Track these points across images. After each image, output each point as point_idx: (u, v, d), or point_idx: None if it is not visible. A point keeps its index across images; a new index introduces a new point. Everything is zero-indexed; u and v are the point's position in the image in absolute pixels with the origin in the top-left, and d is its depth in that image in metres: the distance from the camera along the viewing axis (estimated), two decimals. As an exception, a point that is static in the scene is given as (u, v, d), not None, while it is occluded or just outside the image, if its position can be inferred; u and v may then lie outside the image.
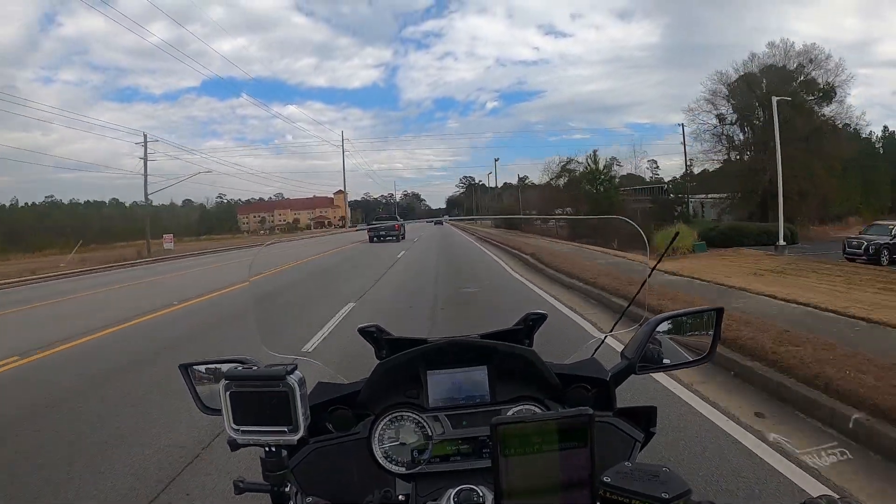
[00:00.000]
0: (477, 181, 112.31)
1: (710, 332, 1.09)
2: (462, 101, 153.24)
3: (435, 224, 48.44)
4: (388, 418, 0.99)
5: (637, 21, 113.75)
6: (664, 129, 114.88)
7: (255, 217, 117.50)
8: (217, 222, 76.04)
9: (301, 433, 0.80)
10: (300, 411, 0.80)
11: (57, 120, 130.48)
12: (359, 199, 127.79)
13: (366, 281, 10.85)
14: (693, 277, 9.12)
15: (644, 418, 1.01)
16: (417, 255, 17.47)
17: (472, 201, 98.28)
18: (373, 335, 1.12)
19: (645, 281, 1.33)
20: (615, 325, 1.32)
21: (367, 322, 1.14)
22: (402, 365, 1.01)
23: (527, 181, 58.39)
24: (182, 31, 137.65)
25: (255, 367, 0.86)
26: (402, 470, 0.97)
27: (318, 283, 11.24)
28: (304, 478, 0.95)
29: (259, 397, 0.81)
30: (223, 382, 0.81)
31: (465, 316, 6.98)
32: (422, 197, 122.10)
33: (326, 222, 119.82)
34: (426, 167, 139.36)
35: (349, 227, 44.19)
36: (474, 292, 9.08)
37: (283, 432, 0.80)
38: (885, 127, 46.48)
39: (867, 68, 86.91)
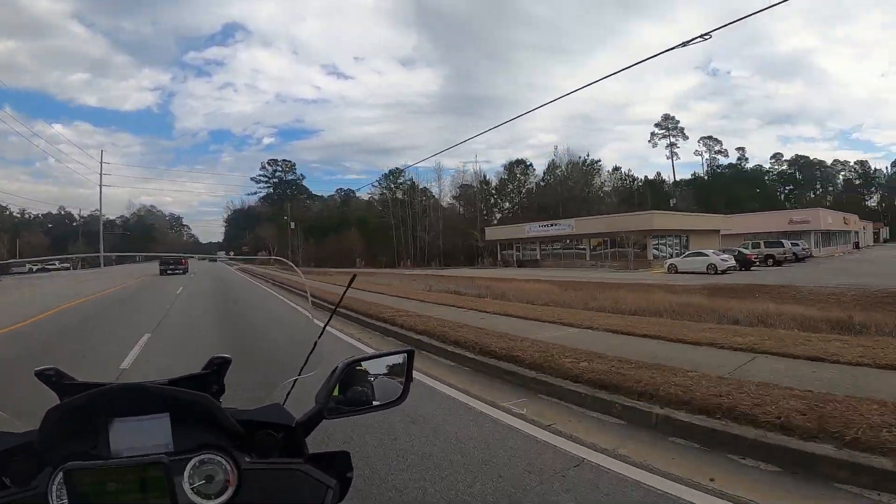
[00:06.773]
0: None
1: (402, 375, 1.11)
2: (238, 134, 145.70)
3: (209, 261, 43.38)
4: (64, 470, 0.88)
5: (419, 69, 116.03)
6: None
7: None
8: None
9: None
10: None
11: None
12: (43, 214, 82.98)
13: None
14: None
15: (338, 463, 0.99)
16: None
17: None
18: (51, 379, 0.99)
19: (324, 328, 1.30)
20: (302, 367, 1.30)
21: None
22: (74, 411, 0.90)
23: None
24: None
25: None
26: None
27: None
28: None
29: None
30: None
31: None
32: (184, 222, 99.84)
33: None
34: (195, 201, 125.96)
35: None
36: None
37: None
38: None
39: (624, 125, 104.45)
